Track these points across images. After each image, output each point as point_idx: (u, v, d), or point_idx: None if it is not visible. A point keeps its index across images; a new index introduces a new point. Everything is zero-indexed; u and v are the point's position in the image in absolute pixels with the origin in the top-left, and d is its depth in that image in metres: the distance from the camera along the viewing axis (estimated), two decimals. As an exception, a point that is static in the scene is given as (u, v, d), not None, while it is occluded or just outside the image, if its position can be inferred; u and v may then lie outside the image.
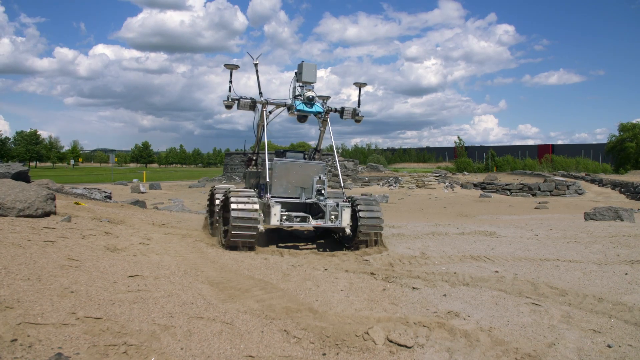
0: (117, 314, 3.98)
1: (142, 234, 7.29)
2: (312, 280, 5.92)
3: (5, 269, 4.53)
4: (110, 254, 5.76)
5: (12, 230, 5.91)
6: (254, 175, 9.07)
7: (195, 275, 5.39)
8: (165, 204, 18.61)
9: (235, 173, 49.80)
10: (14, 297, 3.96)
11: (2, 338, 3.30)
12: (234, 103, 8.22)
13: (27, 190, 7.31)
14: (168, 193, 29.05)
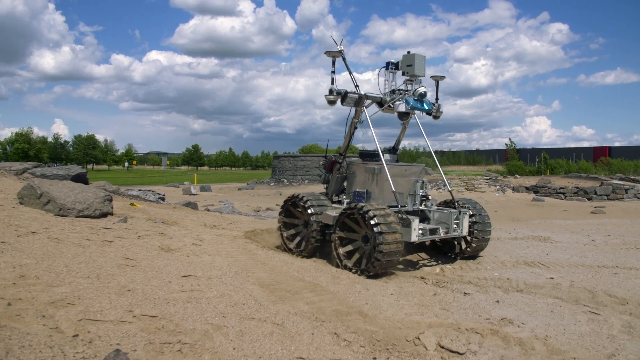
0: (172, 313, 4.08)
1: (194, 235, 7.45)
2: (361, 283, 5.90)
3: (67, 267, 4.72)
4: (164, 254, 5.91)
5: (72, 230, 6.15)
6: (339, 181, 8.02)
7: (246, 277, 5.47)
8: (216, 205, 18.95)
9: (283, 176, 50.25)
10: (75, 294, 4.12)
11: (64, 333, 3.43)
12: (339, 98, 7.17)
13: (86, 191, 7.59)
14: (218, 195, 29.59)
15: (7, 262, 4.59)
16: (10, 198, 7.39)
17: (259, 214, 15.77)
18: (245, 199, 26.04)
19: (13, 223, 5.94)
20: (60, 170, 11.04)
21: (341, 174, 7.91)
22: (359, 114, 7.48)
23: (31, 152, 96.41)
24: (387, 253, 6.00)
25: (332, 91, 7.06)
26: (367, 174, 7.35)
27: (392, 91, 7.45)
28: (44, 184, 7.34)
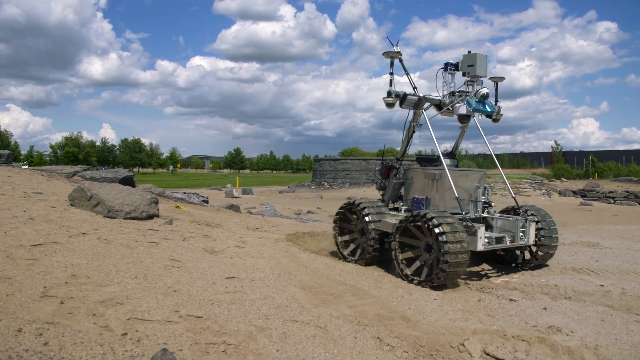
0: (217, 314, 4.14)
1: (237, 237, 7.54)
2: (404, 288, 5.85)
3: (116, 267, 4.85)
4: (208, 256, 6.01)
5: (120, 232, 6.32)
6: (396, 187, 7.70)
7: (288, 279, 5.50)
8: (258, 208, 19.14)
9: (324, 179, 50.34)
10: (123, 294, 4.23)
11: (114, 332, 3.53)
12: (397, 100, 6.87)
13: (133, 194, 7.79)
14: (260, 198, 29.88)
15: (60, 261, 4.76)
16: (62, 200, 7.65)
17: (300, 217, 15.85)
18: (287, 202, 26.21)
19: (65, 224, 6.14)
20: (109, 173, 11.37)
21: (398, 179, 7.65)
22: (418, 117, 7.21)
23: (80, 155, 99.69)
24: (452, 264, 5.72)
25: (390, 93, 6.82)
26: (426, 179, 7.05)
27: (452, 93, 7.18)
28: (94, 187, 7.57)
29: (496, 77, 7.72)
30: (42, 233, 5.58)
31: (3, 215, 6.00)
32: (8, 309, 3.58)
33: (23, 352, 3.03)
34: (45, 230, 5.70)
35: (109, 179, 10.82)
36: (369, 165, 49.24)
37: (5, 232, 5.35)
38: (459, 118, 7.38)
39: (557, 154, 69.73)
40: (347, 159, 54.43)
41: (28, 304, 3.71)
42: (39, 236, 5.45)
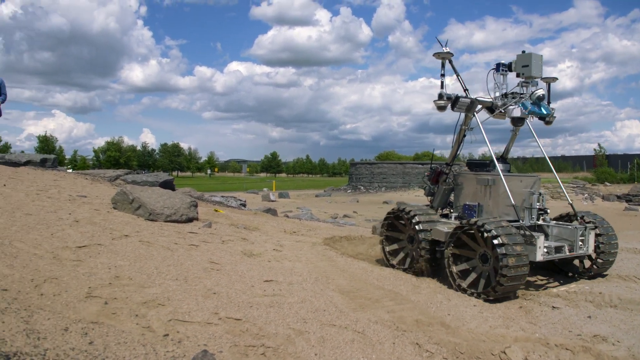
0: (255, 317, 4.17)
1: (274, 240, 7.59)
2: (443, 293, 5.78)
3: (157, 269, 4.95)
4: (247, 259, 6.07)
5: (161, 234, 6.45)
6: (445, 193, 7.42)
7: (326, 283, 5.50)
8: (294, 212, 19.24)
9: (360, 183, 50.25)
10: (164, 295, 4.31)
11: (155, 332, 3.60)
12: (449, 103, 6.64)
13: (173, 197, 7.94)
14: (296, 202, 30.03)
15: (104, 263, 4.88)
16: (105, 203, 7.85)
17: (336, 221, 15.85)
18: (323, 206, 26.27)
19: (108, 226, 6.30)
20: (149, 177, 11.62)
21: (448, 185, 7.34)
22: (469, 120, 6.92)
23: (122, 159, 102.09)
24: (511, 276, 5.40)
25: (442, 96, 6.58)
26: (479, 185, 6.78)
27: (504, 95, 6.90)
28: (135, 190, 7.74)
29: (549, 77, 7.30)
30: (87, 235, 5.74)
31: (50, 218, 6.20)
32: (55, 308, 3.69)
33: (70, 350, 3.12)
34: (89, 233, 5.86)
35: (150, 182, 11.06)
36: (406, 169, 48.93)
37: (52, 234, 5.53)
38: (512, 121, 7.05)
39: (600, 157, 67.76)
40: (383, 162, 54.19)
41: (74, 304, 3.82)
42: (83, 238, 5.60)
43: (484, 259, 5.87)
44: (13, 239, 5.11)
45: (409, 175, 47.91)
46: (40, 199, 7.30)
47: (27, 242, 5.08)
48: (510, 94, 6.86)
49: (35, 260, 4.60)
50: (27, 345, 3.08)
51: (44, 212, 6.43)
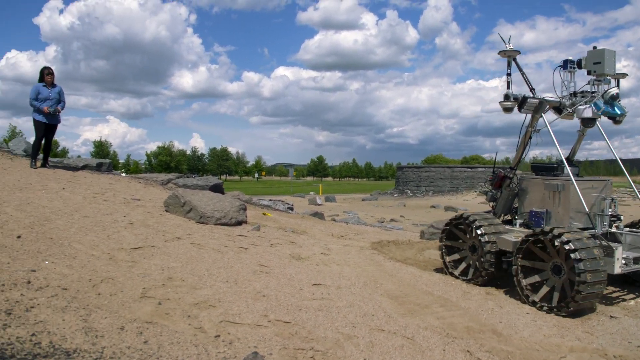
0: (304, 320, 4.19)
1: (322, 244, 7.61)
2: (494, 300, 5.65)
3: (208, 271, 5.04)
4: (295, 262, 6.11)
5: (211, 237, 6.57)
6: (509, 198, 7.08)
7: (374, 288, 5.47)
8: (341, 216, 19.24)
9: (407, 187, 49.79)
10: (215, 297, 4.39)
11: (207, 333, 3.66)
12: (516, 104, 6.34)
13: (222, 201, 8.08)
14: (343, 205, 30.03)
15: (157, 264, 5.01)
16: (158, 206, 8.06)
17: (383, 225, 15.75)
18: (369, 210, 26.16)
19: (161, 229, 6.47)
20: (200, 180, 11.86)
21: (512, 190, 6.98)
22: (536, 121, 6.57)
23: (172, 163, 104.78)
24: (588, 293, 5.06)
25: (508, 97, 6.28)
26: (547, 191, 6.36)
27: (573, 94, 6.52)
28: (187, 194, 7.92)
29: (619, 73, 6.73)
30: (141, 237, 5.91)
31: (106, 220, 6.41)
32: (112, 307, 3.81)
33: (125, 349, 3.21)
34: (143, 235, 6.03)
35: (200, 186, 11.28)
36: (454, 173, 48.18)
37: (108, 236, 5.72)
38: (582, 122, 6.61)
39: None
40: (430, 166, 53.56)
41: (129, 304, 3.94)
42: (137, 240, 5.77)
43: (557, 270, 5.47)
44: (72, 240, 5.31)
45: (457, 179, 47.16)
46: (97, 201, 7.56)
47: (85, 244, 5.27)
48: (580, 93, 6.49)
49: (92, 261, 4.77)
50: (85, 342, 3.20)
51: (101, 215, 6.66)
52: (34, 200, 6.74)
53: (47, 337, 3.18)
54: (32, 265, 4.35)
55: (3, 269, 4.13)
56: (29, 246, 4.84)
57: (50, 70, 9.82)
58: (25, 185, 7.71)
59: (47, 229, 5.55)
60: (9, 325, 3.23)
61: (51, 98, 9.73)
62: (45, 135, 9.95)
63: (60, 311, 3.56)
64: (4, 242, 4.81)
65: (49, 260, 4.54)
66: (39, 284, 3.98)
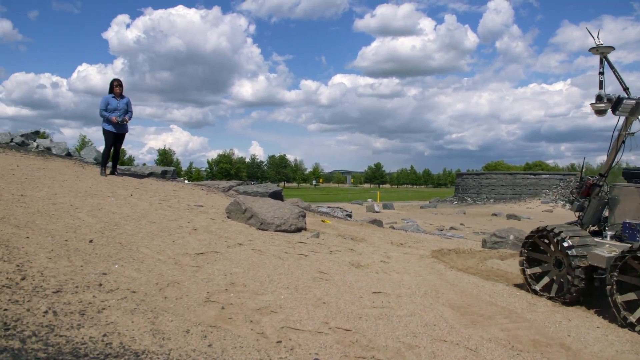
0: (365, 328, 4.17)
1: (381, 252, 7.56)
2: (562, 313, 5.43)
3: (269, 277, 5.11)
4: (354, 269, 6.09)
5: (272, 243, 6.66)
6: (598, 208, 6.53)
7: (435, 297, 5.38)
8: (399, 223, 19.06)
9: (467, 194, 48.80)
10: (276, 303, 4.44)
11: (269, 339, 3.71)
12: (609, 106, 5.89)
13: (282, 207, 8.18)
14: (401, 213, 29.75)
15: (220, 269, 5.13)
16: (220, 212, 8.25)
17: (443, 233, 15.48)
18: (428, 218, 25.79)
19: (223, 235, 6.62)
20: (260, 187, 12.06)
21: (601, 199, 6.44)
22: (630, 124, 6.09)
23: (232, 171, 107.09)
24: None
25: (601, 98, 5.85)
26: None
27: None
28: (248, 201, 8.07)
29: None
30: (204, 243, 6.07)
31: (171, 226, 6.62)
32: (177, 311, 3.93)
33: (191, 351, 3.29)
34: (206, 240, 6.19)
35: (260, 193, 11.46)
36: (516, 180, 46.80)
37: (174, 241, 5.90)
38: None
39: None
40: (491, 173, 52.20)
41: (194, 308, 4.05)
42: (201, 245, 5.93)
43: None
44: (140, 245, 5.51)
45: (519, 186, 45.77)
46: (162, 208, 7.83)
47: (151, 248, 5.46)
48: None
49: (159, 265, 4.93)
50: (153, 344, 3.31)
51: (166, 221, 6.89)
52: (104, 206, 7.05)
53: (118, 337, 3.31)
54: (103, 268, 4.54)
55: (77, 271, 4.34)
56: (100, 250, 5.06)
57: (119, 82, 10.27)
58: (96, 192, 8.08)
59: (117, 233, 5.79)
60: (82, 326, 3.38)
61: (119, 108, 10.16)
62: (114, 144, 10.40)
63: (129, 313, 3.70)
64: (77, 245, 5.06)
65: (118, 264, 4.74)
66: (109, 286, 4.16)
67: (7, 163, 9.11)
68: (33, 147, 12.75)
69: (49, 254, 4.64)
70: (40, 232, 5.27)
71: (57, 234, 5.34)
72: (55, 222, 5.79)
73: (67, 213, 6.30)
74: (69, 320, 3.43)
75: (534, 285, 6.29)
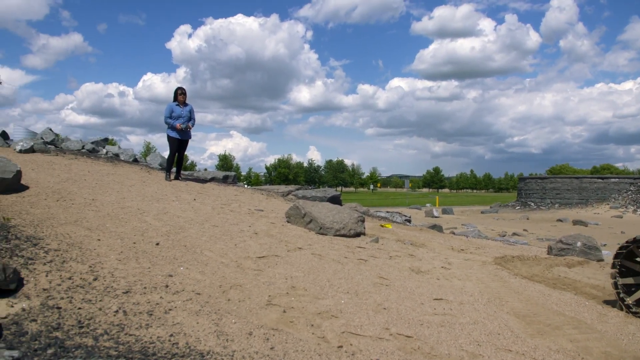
0: (426, 335, 4.11)
1: (442, 258, 7.43)
2: (635, 324, 5.16)
3: (329, 282, 5.12)
4: (414, 275, 6.02)
5: (331, 248, 6.67)
6: None
7: (499, 305, 5.23)
8: (459, 229, 18.67)
9: (530, 199, 47.25)
10: (337, 307, 4.44)
11: (330, 343, 3.72)
12: None
13: (341, 212, 8.18)
14: (460, 218, 29.13)
15: (281, 273, 5.19)
16: (280, 217, 8.35)
17: (505, 239, 15.03)
18: (490, 223, 25.11)
19: (283, 239, 6.69)
20: (318, 192, 12.12)
21: None
22: None
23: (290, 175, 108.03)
24: None
25: None
26: None
27: None
28: (307, 205, 8.12)
29: None
30: (265, 246, 6.16)
31: (233, 230, 6.76)
32: (240, 313, 4.00)
33: (254, 353, 3.35)
34: (267, 244, 6.28)
35: (319, 197, 11.53)
36: (582, 184, 44.85)
37: (235, 245, 6.02)
38: None
39: None
40: (556, 177, 50.24)
41: (256, 310, 4.11)
42: (262, 249, 6.02)
43: None
44: (203, 248, 5.66)
45: (587, 190, 43.81)
46: (224, 212, 8.00)
47: (214, 251, 5.59)
48: None
49: (222, 268, 5.05)
50: (217, 345, 3.38)
51: (228, 224, 7.04)
52: (169, 210, 7.28)
53: (184, 338, 3.41)
54: (169, 270, 4.69)
55: (145, 272, 4.50)
56: (166, 253, 5.23)
57: (183, 90, 10.59)
58: (161, 196, 8.35)
59: (182, 237, 5.96)
60: (150, 325, 3.51)
61: (183, 116, 10.47)
62: (178, 150, 10.71)
63: (194, 314, 3.81)
64: (145, 248, 5.25)
65: (183, 266, 4.88)
66: (175, 288, 4.29)
67: (79, 169, 9.56)
68: (102, 153, 13.35)
69: (119, 255, 4.84)
70: (110, 235, 5.50)
71: (126, 236, 5.57)
72: (124, 225, 6.03)
73: (135, 216, 6.55)
74: (138, 320, 3.57)
75: (627, 298, 5.76)
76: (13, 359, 2.77)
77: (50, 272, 4.12)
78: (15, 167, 6.88)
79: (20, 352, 2.87)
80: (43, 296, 3.68)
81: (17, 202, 6.24)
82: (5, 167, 6.72)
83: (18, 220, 5.42)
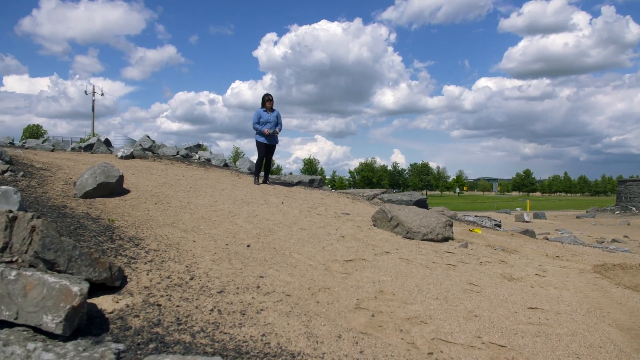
0: (521, 345, 3.95)
1: (536, 264, 7.11)
2: None
3: (417, 287, 5.06)
4: (507, 282, 5.80)
5: (419, 252, 6.58)
6: None
7: (600, 316, 4.93)
8: (552, 234, 17.80)
9: (631, 203, 44.20)
10: (426, 313, 4.37)
11: (419, 350, 3.67)
12: None
13: (428, 216, 8.05)
14: (554, 223, 27.74)
15: (368, 277, 5.18)
16: (366, 220, 8.35)
17: (604, 246, 14.15)
18: (586, 229, 23.72)
19: (370, 243, 6.69)
20: (404, 196, 12.00)
21: None
22: None
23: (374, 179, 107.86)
24: None
25: None
26: None
27: None
28: (393, 209, 8.07)
29: None
30: (352, 250, 6.18)
31: (320, 233, 6.84)
32: (329, 315, 4.04)
33: (343, 356, 3.37)
34: (354, 248, 6.30)
35: (405, 201, 11.41)
36: (693, 187, 41.32)
37: (323, 248, 6.09)
38: None
39: None
40: None
41: (345, 314, 4.14)
42: (349, 252, 6.04)
43: None
44: (292, 250, 5.77)
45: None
46: (311, 215, 8.12)
47: (303, 254, 5.69)
48: None
49: (310, 271, 5.12)
50: (307, 347, 3.44)
51: (315, 228, 7.13)
52: (258, 213, 7.49)
53: (275, 338, 3.49)
54: (260, 271, 4.83)
55: (237, 273, 4.66)
56: (257, 254, 5.39)
57: (270, 96, 10.87)
58: (250, 199, 8.62)
59: (271, 239, 6.12)
60: (243, 325, 3.63)
61: (270, 121, 10.75)
62: (265, 155, 11.01)
63: (285, 315, 3.89)
64: (236, 249, 5.44)
65: (273, 268, 5.00)
66: (266, 289, 4.41)
67: (175, 174, 10.07)
68: (195, 158, 13.98)
69: (213, 256, 5.05)
70: (204, 236, 5.75)
71: (219, 238, 5.79)
72: (217, 227, 6.27)
73: (226, 219, 6.80)
74: (232, 319, 3.70)
75: None
76: (119, 351, 2.96)
77: (150, 270, 4.37)
78: (118, 172, 7.37)
79: (125, 346, 3.07)
80: (144, 293, 3.91)
81: (119, 205, 6.68)
82: (109, 172, 7.21)
83: (121, 222, 5.80)
